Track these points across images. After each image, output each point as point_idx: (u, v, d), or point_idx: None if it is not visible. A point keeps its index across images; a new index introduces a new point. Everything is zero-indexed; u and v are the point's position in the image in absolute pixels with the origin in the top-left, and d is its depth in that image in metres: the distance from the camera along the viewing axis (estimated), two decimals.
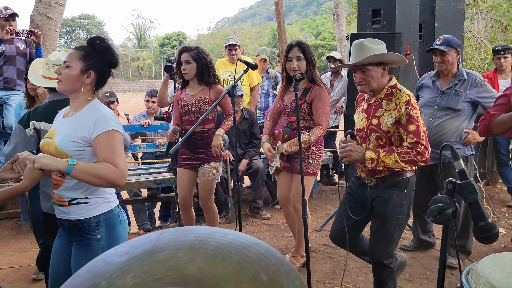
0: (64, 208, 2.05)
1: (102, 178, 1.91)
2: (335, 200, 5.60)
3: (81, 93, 2.07)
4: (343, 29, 11.74)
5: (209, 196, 3.74)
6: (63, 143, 1.98)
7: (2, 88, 4.81)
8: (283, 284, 0.92)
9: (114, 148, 1.97)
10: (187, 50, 3.56)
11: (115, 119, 2.06)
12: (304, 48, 3.34)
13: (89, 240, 2.04)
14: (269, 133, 3.62)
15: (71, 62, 2.04)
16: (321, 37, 41.85)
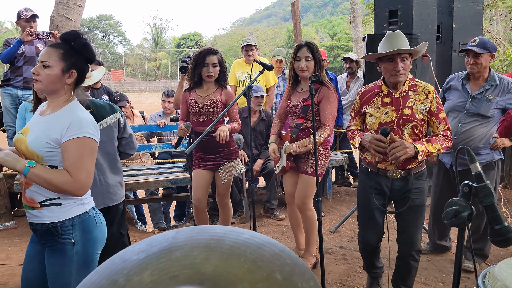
0: (36, 212, 1.96)
1: (55, 186, 1.86)
2: (350, 201, 5.58)
3: (61, 93, 2.00)
4: (359, 30, 11.67)
5: (227, 193, 3.79)
6: (34, 143, 1.92)
7: (22, 87, 4.90)
8: (298, 284, 0.92)
9: (79, 158, 1.88)
10: (215, 53, 3.54)
11: (92, 125, 1.97)
12: (313, 48, 3.34)
13: (62, 245, 1.96)
14: (277, 133, 3.62)
15: (50, 61, 1.94)
16: (337, 37, 41.66)
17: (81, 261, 1.97)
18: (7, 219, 4.87)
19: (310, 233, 3.60)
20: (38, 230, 1.99)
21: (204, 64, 3.51)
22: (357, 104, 2.91)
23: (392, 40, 2.65)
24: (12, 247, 4.32)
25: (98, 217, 2.07)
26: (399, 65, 2.64)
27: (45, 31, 4.84)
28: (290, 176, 3.60)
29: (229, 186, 3.79)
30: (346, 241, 4.33)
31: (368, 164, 2.85)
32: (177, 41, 55.04)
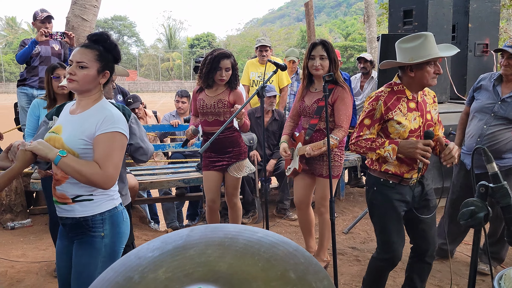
0: (67, 206, 2.03)
1: (84, 176, 1.89)
2: (363, 202, 5.55)
3: (93, 92, 2.06)
4: (373, 30, 11.60)
5: (235, 193, 3.78)
6: (70, 140, 1.97)
7: (37, 87, 4.96)
8: (311, 283, 0.92)
9: (109, 151, 1.94)
10: (229, 57, 3.52)
11: (123, 122, 2.04)
12: (328, 47, 3.28)
13: (92, 237, 2.03)
14: (289, 134, 3.57)
15: (88, 63, 2.00)
16: (350, 38, 41.47)
17: (108, 254, 2.04)
18: (23, 217, 4.94)
19: (324, 237, 3.55)
20: (68, 224, 2.06)
21: (218, 68, 3.50)
22: (379, 111, 2.56)
23: (431, 43, 2.52)
24: (28, 245, 4.38)
25: (124, 213, 2.14)
26: (440, 68, 2.55)
27: (59, 32, 4.90)
28: (302, 179, 3.54)
29: (238, 186, 3.78)
30: (359, 242, 4.30)
31: (390, 176, 2.63)
32: (190, 42, 55.28)
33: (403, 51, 2.56)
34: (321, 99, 3.28)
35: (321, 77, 3.24)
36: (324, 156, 3.32)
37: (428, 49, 2.50)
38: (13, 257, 4.01)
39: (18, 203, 4.92)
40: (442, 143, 2.58)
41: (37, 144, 1.90)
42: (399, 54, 2.59)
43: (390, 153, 2.52)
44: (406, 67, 2.55)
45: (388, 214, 2.68)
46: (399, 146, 2.51)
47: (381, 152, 2.54)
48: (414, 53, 2.50)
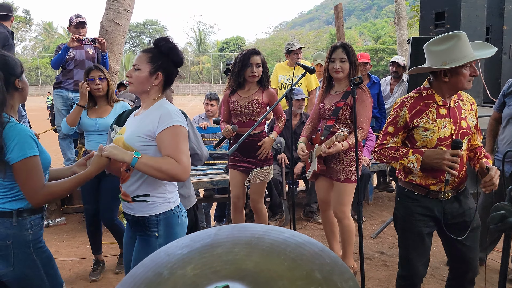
0: (129, 204, 2.14)
1: (164, 172, 1.94)
2: (391, 207, 5.47)
3: (150, 93, 2.15)
4: (404, 33, 11.44)
5: (260, 199, 3.79)
6: (130, 138, 2.06)
7: (72, 90, 5.12)
8: (337, 283, 0.93)
9: (177, 143, 2.00)
10: (258, 53, 3.60)
11: (180, 115, 2.09)
12: (348, 50, 3.26)
13: (149, 236, 2.12)
14: (307, 136, 3.55)
15: (140, 65, 2.11)
16: (381, 41, 40.99)
17: None
18: (57, 216, 5.10)
19: (347, 243, 3.50)
20: (130, 220, 2.20)
21: (249, 64, 3.55)
22: (403, 118, 2.43)
23: (465, 43, 2.32)
24: (61, 242, 4.52)
25: (181, 215, 2.21)
26: (476, 69, 2.37)
27: (89, 38, 5.03)
28: (322, 181, 3.52)
29: (262, 193, 3.79)
30: (388, 247, 4.25)
31: (415, 187, 2.47)
32: (220, 45, 55.78)
33: (434, 55, 2.36)
34: (339, 101, 3.27)
35: (341, 80, 3.29)
36: (341, 160, 3.30)
37: (463, 51, 2.29)
38: None
39: (53, 202, 5.08)
40: (483, 166, 2.36)
41: (112, 149, 1.97)
42: (430, 57, 2.40)
43: (414, 163, 2.37)
44: (439, 71, 2.35)
45: (407, 228, 2.52)
46: (424, 156, 2.34)
47: (405, 162, 2.40)
48: (447, 56, 2.30)
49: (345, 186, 3.30)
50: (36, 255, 2.02)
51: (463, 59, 2.27)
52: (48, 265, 2.07)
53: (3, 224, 1.95)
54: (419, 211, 2.45)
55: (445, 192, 2.39)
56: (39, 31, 60.94)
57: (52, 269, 2.10)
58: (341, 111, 3.25)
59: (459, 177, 2.41)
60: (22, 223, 1.97)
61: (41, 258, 2.04)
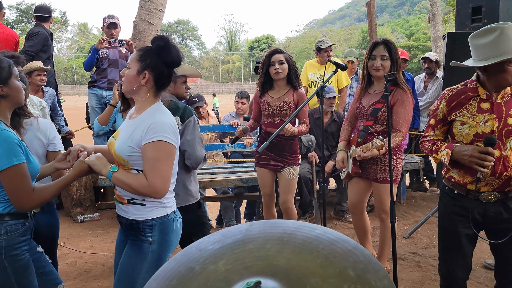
0: (124, 206, 2.07)
1: (135, 190, 1.94)
2: (425, 207, 5.36)
3: (141, 94, 2.04)
4: (439, 29, 11.16)
5: (290, 198, 3.76)
6: (121, 148, 2.00)
7: (106, 88, 5.23)
8: (371, 281, 0.91)
9: (154, 162, 1.92)
10: (280, 52, 3.60)
11: (170, 128, 1.97)
12: (391, 47, 3.12)
13: (141, 241, 2.05)
14: (346, 139, 3.43)
15: (130, 63, 2.03)
16: (414, 37, 40.15)
17: (154, 260, 2.06)
18: (91, 211, 5.22)
19: (385, 244, 3.40)
20: (124, 223, 2.13)
21: (271, 63, 3.55)
22: (442, 110, 2.36)
23: (508, 37, 2.13)
24: (96, 237, 4.62)
25: (176, 221, 2.12)
26: None
27: (117, 39, 5.12)
28: (356, 183, 3.41)
29: (292, 192, 3.76)
30: (421, 248, 4.16)
31: (454, 185, 2.36)
32: (250, 44, 55.92)
33: (475, 48, 2.22)
34: (378, 101, 3.15)
35: (381, 78, 3.14)
36: (378, 160, 3.20)
37: (504, 46, 2.11)
38: (82, 248, 4.25)
39: (87, 198, 5.21)
40: None
41: (95, 159, 1.98)
42: (472, 51, 2.27)
43: (444, 158, 2.27)
44: (481, 67, 2.22)
45: (444, 228, 2.43)
46: (453, 151, 2.24)
47: (438, 157, 2.32)
48: (488, 52, 2.15)
49: (384, 187, 3.19)
50: (7, 262, 1.93)
51: (503, 55, 2.10)
52: (22, 275, 1.98)
53: None
54: (456, 211, 2.35)
55: (477, 191, 2.26)
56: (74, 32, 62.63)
57: (26, 279, 1.99)
58: (380, 112, 3.12)
59: (502, 178, 2.23)
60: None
61: (13, 266, 1.94)
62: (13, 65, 2.01)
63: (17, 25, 47.69)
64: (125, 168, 2.02)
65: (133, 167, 2.01)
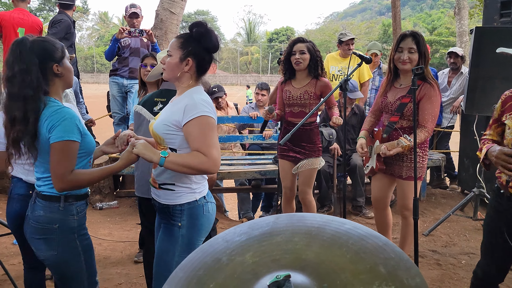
0: (156, 190, 2.13)
1: (193, 168, 1.93)
2: (445, 204, 5.27)
3: (183, 80, 2.08)
4: (464, 23, 10.91)
5: (308, 190, 3.73)
6: (158, 126, 2.05)
7: (127, 77, 5.26)
8: (403, 279, 0.89)
9: (204, 136, 1.95)
10: (303, 41, 3.56)
11: (207, 104, 2.02)
12: (419, 39, 3.02)
13: (172, 225, 2.09)
14: (368, 129, 3.38)
15: (172, 51, 2.05)
16: (436, 32, 39.44)
17: (185, 244, 2.09)
18: (110, 199, 5.28)
19: (406, 242, 3.34)
20: (156, 206, 2.18)
21: (293, 52, 3.53)
22: (497, 110, 2.29)
23: None
24: (114, 225, 4.67)
25: (207, 206, 2.14)
26: None
27: (137, 29, 5.11)
28: (379, 179, 3.35)
29: (311, 184, 3.73)
30: (440, 246, 4.10)
31: (500, 184, 2.26)
32: (269, 36, 55.68)
33: None
34: (405, 96, 3.06)
35: (408, 72, 3.05)
36: (404, 157, 3.13)
37: None
38: (100, 235, 4.30)
39: (106, 185, 5.26)
40: None
41: (143, 149, 1.96)
42: None
43: (482, 157, 2.23)
44: None
45: (486, 225, 2.38)
46: (488, 152, 2.18)
47: (479, 155, 2.26)
48: None
49: (408, 183, 3.13)
50: (79, 241, 2.03)
51: None
52: (87, 253, 2.08)
53: (50, 208, 1.97)
54: (500, 209, 2.27)
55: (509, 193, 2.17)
56: (95, 20, 63.20)
57: (90, 258, 2.10)
58: (406, 108, 3.04)
59: None
60: (68, 209, 1.99)
61: (83, 245, 2.05)
62: (64, 46, 2.06)
63: (39, 13, 48.29)
64: (160, 147, 2.07)
65: (168, 146, 2.05)
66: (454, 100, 5.58)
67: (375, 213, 3.54)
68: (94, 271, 2.14)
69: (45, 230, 1.97)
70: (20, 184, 2.48)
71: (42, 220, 1.97)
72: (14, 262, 3.65)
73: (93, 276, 2.13)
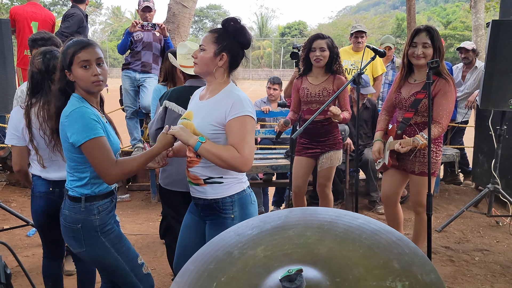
0: (200, 187, 2.10)
1: (224, 161, 1.93)
2: (458, 200, 5.22)
3: (216, 75, 2.08)
4: (480, 17, 10.71)
5: (328, 184, 3.71)
6: (202, 126, 2.03)
7: (140, 71, 5.26)
8: (417, 275, 0.87)
9: (243, 134, 1.97)
10: (322, 37, 3.51)
11: (251, 104, 2.05)
12: (433, 34, 2.98)
13: (224, 219, 2.08)
14: (384, 129, 3.34)
15: (206, 45, 2.05)
16: (451, 26, 38.85)
17: None
18: (122, 192, 5.31)
19: (419, 237, 3.30)
20: (200, 204, 2.15)
21: (312, 48, 3.48)
22: None
23: None
24: (126, 218, 4.70)
25: (252, 195, 2.18)
26: None
27: (150, 23, 5.11)
28: (391, 175, 3.31)
29: (330, 177, 3.70)
30: (454, 242, 4.05)
31: None
32: (281, 30, 55.41)
33: None
34: (419, 92, 3.02)
35: (422, 67, 3.02)
36: (417, 152, 3.07)
37: None
38: None
39: (127, 178, 5.29)
40: None
41: (180, 130, 1.98)
42: None
43: None
44: None
45: None
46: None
47: None
48: None
49: (421, 179, 3.09)
50: (104, 237, 2.06)
51: None
52: (119, 244, 2.11)
53: (73, 209, 2.03)
54: None
55: None
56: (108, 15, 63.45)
57: (124, 246, 2.13)
58: (421, 104, 3.00)
59: None
60: (89, 209, 2.03)
61: (109, 239, 2.08)
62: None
63: (53, 7, 48.62)
64: None
65: None
66: (468, 95, 5.50)
67: (386, 210, 3.50)
68: (132, 256, 2.16)
69: (71, 229, 2.05)
70: (40, 181, 2.53)
71: (68, 219, 2.05)
72: (28, 254, 3.70)
73: (133, 261, 2.16)
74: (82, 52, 1.96)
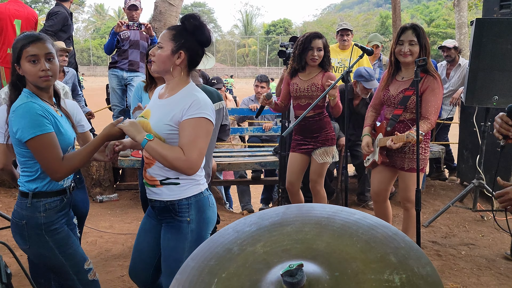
0: (156, 189, 2.04)
1: (168, 162, 1.89)
2: (444, 196, 5.30)
3: (174, 74, 2.02)
4: (463, 15, 10.85)
5: (319, 180, 3.73)
6: (157, 126, 1.97)
7: (127, 69, 5.23)
8: (413, 268, 0.90)
9: (195, 137, 1.90)
10: (320, 37, 3.52)
11: (211, 107, 1.98)
12: (419, 32, 3.05)
13: (179, 222, 2.02)
14: (371, 125, 3.39)
15: (163, 43, 1.97)
16: (434, 24, 39.35)
17: (194, 239, 2.04)
18: (110, 192, 5.28)
19: (408, 232, 3.32)
20: (157, 207, 2.08)
21: (310, 47, 3.49)
22: None
23: None
24: (115, 217, 4.68)
25: (211, 198, 2.11)
26: None
27: (135, 23, 5.07)
28: (380, 171, 3.35)
29: (322, 173, 3.72)
30: (440, 237, 4.13)
31: None
32: (266, 28, 55.49)
33: None
34: (407, 89, 3.08)
35: (409, 65, 3.08)
36: (406, 148, 3.13)
37: None
38: (101, 228, 4.30)
39: (107, 178, 5.26)
40: None
41: (129, 125, 1.94)
42: None
43: None
44: None
45: None
46: None
47: None
48: None
49: (411, 175, 3.15)
50: (48, 236, 2.00)
51: None
52: (65, 246, 2.04)
53: (20, 205, 1.99)
54: None
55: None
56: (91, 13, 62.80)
57: (70, 248, 2.06)
58: (410, 100, 3.06)
59: None
60: (36, 205, 1.98)
61: (54, 239, 2.01)
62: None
63: (34, 5, 47.93)
64: None
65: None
66: (453, 92, 5.59)
67: (375, 206, 3.54)
68: (78, 260, 2.09)
69: (17, 225, 2.00)
70: None
71: (15, 215, 2.01)
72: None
73: (78, 265, 2.08)
74: (30, 47, 1.91)
